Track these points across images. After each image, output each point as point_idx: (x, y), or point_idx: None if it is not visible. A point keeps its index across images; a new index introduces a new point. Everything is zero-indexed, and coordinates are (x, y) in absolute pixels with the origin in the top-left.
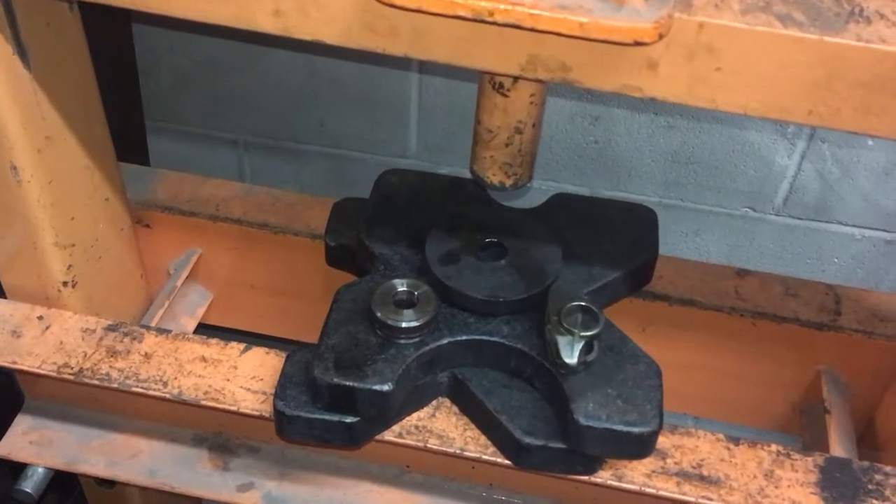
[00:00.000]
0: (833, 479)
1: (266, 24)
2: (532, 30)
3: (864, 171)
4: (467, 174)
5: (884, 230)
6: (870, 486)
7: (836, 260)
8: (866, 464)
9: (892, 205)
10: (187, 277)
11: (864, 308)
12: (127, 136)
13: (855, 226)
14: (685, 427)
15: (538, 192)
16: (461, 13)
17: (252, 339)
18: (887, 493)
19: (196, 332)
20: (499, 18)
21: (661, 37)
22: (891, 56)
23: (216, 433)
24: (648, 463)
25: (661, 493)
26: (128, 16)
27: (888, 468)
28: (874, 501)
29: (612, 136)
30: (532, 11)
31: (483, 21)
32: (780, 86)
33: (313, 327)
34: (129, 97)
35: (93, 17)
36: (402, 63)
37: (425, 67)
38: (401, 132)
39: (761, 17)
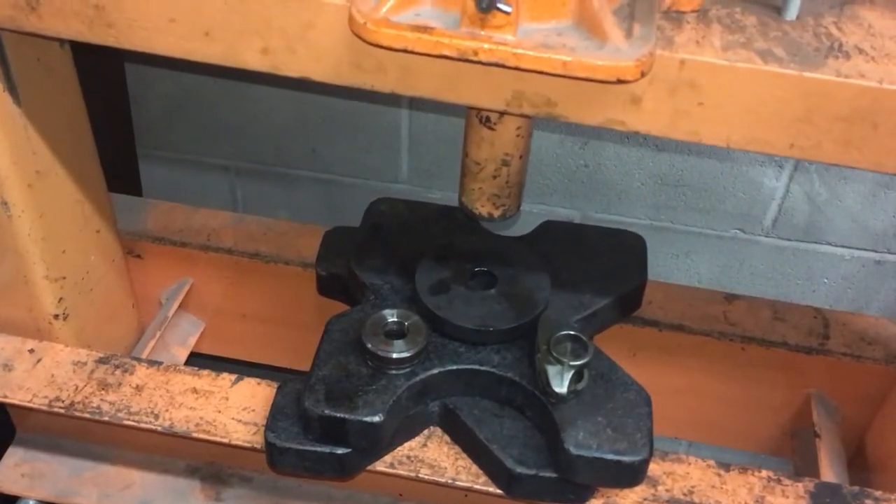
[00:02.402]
0: None
1: (254, 62)
2: (516, 68)
3: (852, 193)
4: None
5: (872, 250)
6: None
7: (825, 280)
8: (856, 489)
9: (880, 225)
10: (179, 307)
11: (852, 331)
12: (119, 164)
13: (844, 246)
14: (676, 453)
15: (529, 216)
16: (446, 53)
17: (244, 367)
18: None
19: (188, 361)
20: (483, 58)
21: (643, 74)
22: (870, 91)
23: (209, 463)
24: (640, 491)
25: None
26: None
27: (878, 493)
28: None
29: (602, 159)
30: (515, 51)
31: (468, 60)
32: (762, 120)
33: (306, 355)
34: (120, 125)
35: (84, 48)
36: (392, 97)
37: (415, 101)
38: (392, 158)
39: (742, 53)
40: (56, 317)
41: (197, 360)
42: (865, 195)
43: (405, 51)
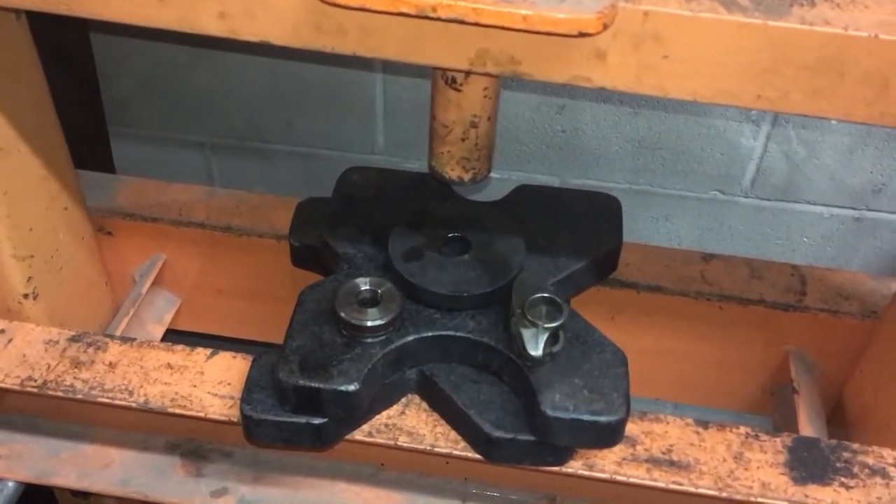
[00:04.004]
0: (801, 458)
1: (211, 26)
2: (476, 24)
3: (830, 150)
4: None
5: (851, 208)
6: (838, 464)
7: (805, 239)
8: (834, 442)
9: (858, 182)
10: (153, 284)
11: (829, 287)
12: (90, 143)
13: (823, 205)
14: (654, 413)
15: (508, 183)
16: (404, 10)
17: (222, 342)
18: (855, 469)
19: (165, 338)
20: (442, 14)
21: (605, 27)
22: (835, 38)
23: (188, 439)
24: (619, 450)
25: (632, 480)
26: (84, 21)
27: (855, 445)
28: (842, 479)
29: (579, 124)
30: (475, 6)
31: (427, 17)
32: (728, 71)
33: (283, 329)
34: (89, 103)
35: (48, 24)
36: (365, 61)
37: (388, 65)
38: (368, 129)
39: (706, 3)
40: (26, 296)
41: (174, 336)
42: (843, 152)
43: (363, 9)
